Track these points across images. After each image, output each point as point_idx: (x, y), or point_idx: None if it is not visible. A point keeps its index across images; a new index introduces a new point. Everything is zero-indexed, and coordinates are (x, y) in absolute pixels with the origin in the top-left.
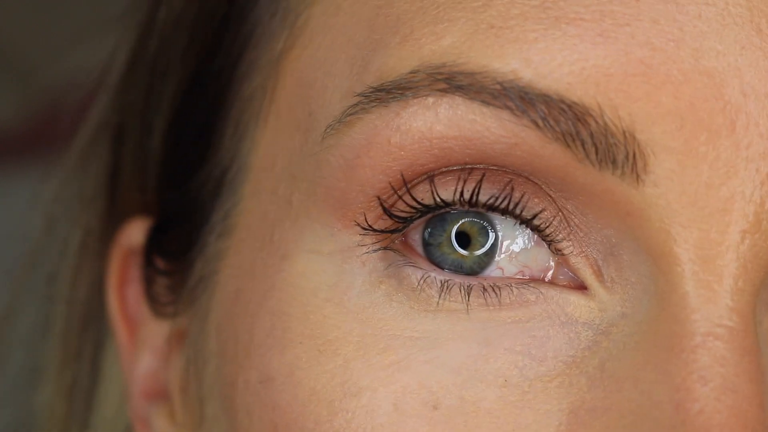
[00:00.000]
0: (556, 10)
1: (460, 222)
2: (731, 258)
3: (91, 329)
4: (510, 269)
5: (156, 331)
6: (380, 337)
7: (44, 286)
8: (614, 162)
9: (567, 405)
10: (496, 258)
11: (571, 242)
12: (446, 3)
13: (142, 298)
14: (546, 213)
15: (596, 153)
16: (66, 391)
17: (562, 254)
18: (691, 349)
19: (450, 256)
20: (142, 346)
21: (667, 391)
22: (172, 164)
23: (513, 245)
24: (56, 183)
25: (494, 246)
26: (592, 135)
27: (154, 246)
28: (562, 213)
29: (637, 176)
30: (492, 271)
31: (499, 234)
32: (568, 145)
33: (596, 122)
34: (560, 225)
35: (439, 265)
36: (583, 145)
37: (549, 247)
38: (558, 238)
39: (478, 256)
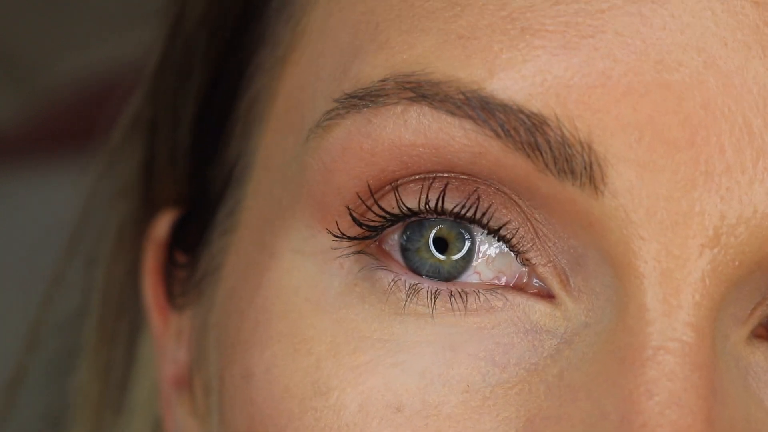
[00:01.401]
0: (522, 21)
1: (438, 227)
2: (689, 271)
3: (127, 315)
4: (487, 274)
5: (174, 322)
6: (351, 338)
7: (82, 273)
8: (573, 172)
9: (525, 413)
10: (473, 263)
11: (538, 252)
12: (421, 13)
13: (163, 290)
14: (513, 224)
15: (555, 163)
16: (100, 375)
17: (530, 263)
18: (641, 362)
19: (428, 260)
20: (169, 335)
21: (616, 402)
22: (195, 158)
23: (490, 250)
24: (94, 173)
25: (471, 251)
26: (550, 145)
27: (177, 238)
28: (530, 222)
29: (596, 187)
30: (469, 276)
31: (476, 239)
32: (529, 155)
33: (554, 132)
34: (527, 235)
35: (417, 270)
36: (542, 154)
37: (516, 258)
38: (525, 248)
39: (456, 260)
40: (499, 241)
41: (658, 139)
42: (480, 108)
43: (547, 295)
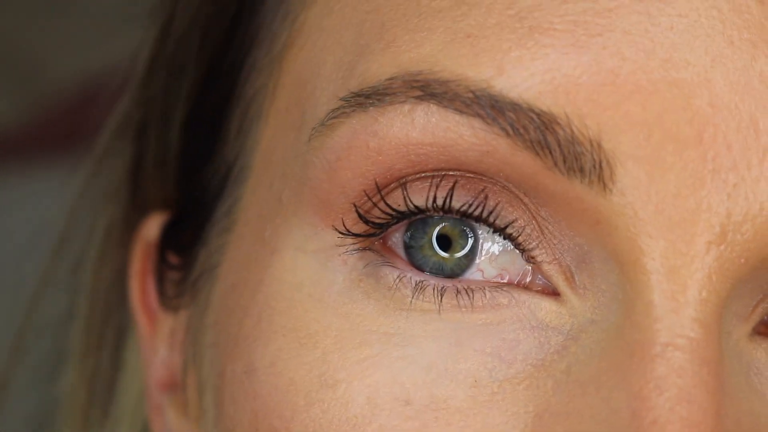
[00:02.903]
0: (531, 20)
1: (441, 225)
2: (696, 268)
3: (114, 319)
4: (490, 272)
5: (166, 323)
6: (357, 332)
7: (69, 276)
8: (582, 170)
9: (533, 407)
10: (476, 260)
11: (543, 250)
12: (428, 12)
13: (155, 292)
14: (519, 222)
15: (564, 161)
16: (88, 379)
17: (535, 261)
18: (650, 358)
19: (431, 258)
20: (159, 337)
21: (626, 398)
22: (187, 160)
23: (493, 248)
24: (82, 176)
25: (474, 248)
26: (559, 143)
27: (168, 240)
28: (536, 221)
29: (604, 185)
30: (472, 274)
31: (480, 237)
32: (538, 153)
33: (563, 131)
34: (533, 233)
35: (420, 267)
36: (551, 153)
37: (522, 255)
38: (531, 246)
39: (459, 258)
40: (505, 239)
41: (667, 136)
42: (489, 106)
43: (552, 293)
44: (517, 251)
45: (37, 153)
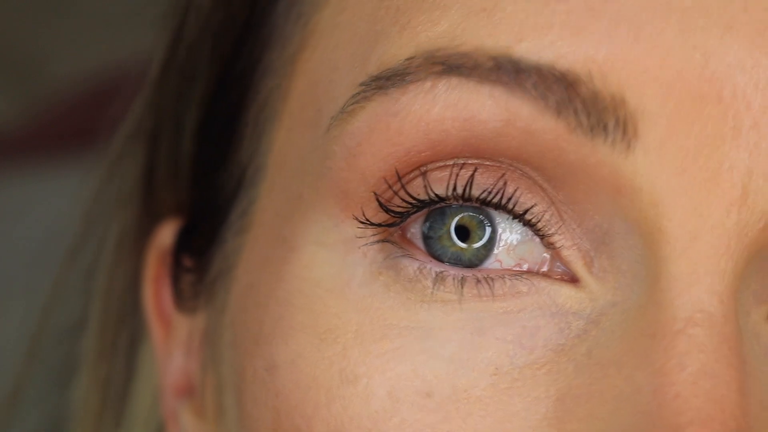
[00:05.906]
0: None
1: (460, 216)
2: (717, 234)
3: (127, 325)
4: (508, 261)
5: (182, 327)
6: (377, 326)
7: (83, 282)
8: (605, 128)
9: (555, 392)
10: (495, 251)
11: (562, 235)
12: None
13: (171, 296)
14: (538, 207)
15: (588, 119)
16: (101, 386)
17: (554, 247)
18: (671, 335)
19: (450, 248)
20: (173, 343)
21: (648, 376)
22: (201, 164)
23: (511, 238)
24: (95, 182)
25: (492, 239)
26: (583, 101)
27: (183, 244)
28: (555, 205)
29: (628, 143)
30: (491, 264)
31: (498, 227)
32: (560, 113)
33: (587, 88)
34: (552, 218)
35: (438, 258)
36: (575, 112)
37: (541, 241)
38: (549, 231)
39: (477, 248)
40: (524, 225)
41: (687, 93)
42: (512, 71)
43: (571, 280)
44: (536, 239)
45: (37, 153)
